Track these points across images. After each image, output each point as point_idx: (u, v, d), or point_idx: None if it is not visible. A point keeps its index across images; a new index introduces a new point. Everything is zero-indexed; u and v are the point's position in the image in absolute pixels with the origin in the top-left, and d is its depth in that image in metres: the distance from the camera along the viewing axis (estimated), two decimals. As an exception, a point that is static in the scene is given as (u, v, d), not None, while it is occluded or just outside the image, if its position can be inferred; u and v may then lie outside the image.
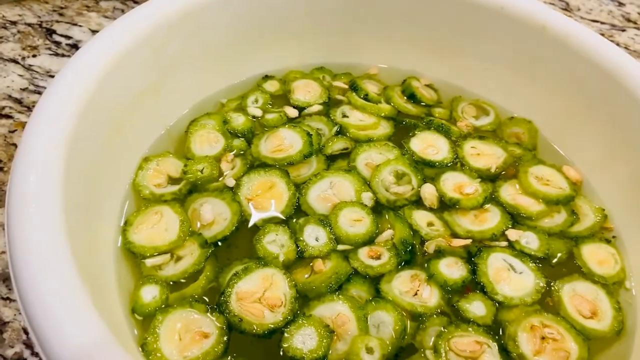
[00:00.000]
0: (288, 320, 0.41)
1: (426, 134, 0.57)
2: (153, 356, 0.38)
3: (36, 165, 0.36)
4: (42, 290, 0.31)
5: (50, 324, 0.30)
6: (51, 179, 0.35)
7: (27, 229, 0.32)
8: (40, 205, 0.34)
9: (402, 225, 0.49)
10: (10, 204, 0.35)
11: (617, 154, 0.52)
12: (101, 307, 0.36)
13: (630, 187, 0.51)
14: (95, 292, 0.37)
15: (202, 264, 0.44)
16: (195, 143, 0.54)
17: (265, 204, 0.49)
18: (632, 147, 0.50)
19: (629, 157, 0.51)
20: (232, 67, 0.60)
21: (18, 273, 0.32)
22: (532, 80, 0.58)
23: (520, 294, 0.45)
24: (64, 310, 0.31)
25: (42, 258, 0.31)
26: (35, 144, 0.37)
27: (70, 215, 0.36)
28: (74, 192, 0.38)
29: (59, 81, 0.42)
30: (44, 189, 0.35)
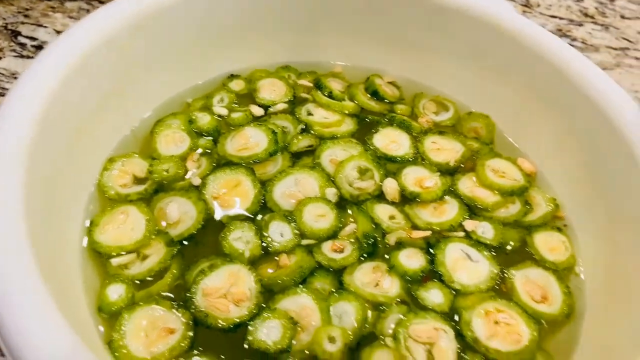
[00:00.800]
0: (253, 314, 0.43)
1: (388, 130, 0.59)
2: (120, 353, 0.39)
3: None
4: (6, 296, 0.32)
5: (17, 331, 0.31)
6: (12, 182, 0.36)
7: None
8: (1, 209, 0.34)
9: (365, 219, 0.50)
10: None
11: (566, 146, 0.54)
12: (67, 308, 0.37)
13: (579, 178, 0.53)
14: (61, 293, 0.38)
15: (168, 261, 0.45)
16: (160, 143, 0.54)
17: (231, 201, 0.50)
18: (579, 139, 0.53)
19: (576, 149, 0.53)
20: (198, 67, 0.61)
21: None
22: (488, 76, 0.60)
23: (475, 281, 0.47)
24: (30, 317, 0.31)
25: (4, 263, 0.32)
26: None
27: (32, 218, 0.36)
28: (37, 194, 0.39)
29: (21, 83, 0.42)
30: (4, 192, 0.35)
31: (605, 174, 0.50)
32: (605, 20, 0.99)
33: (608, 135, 0.49)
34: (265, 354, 0.41)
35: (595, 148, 0.51)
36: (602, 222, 0.50)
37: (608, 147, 0.49)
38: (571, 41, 0.92)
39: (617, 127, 0.48)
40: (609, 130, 0.49)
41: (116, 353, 0.39)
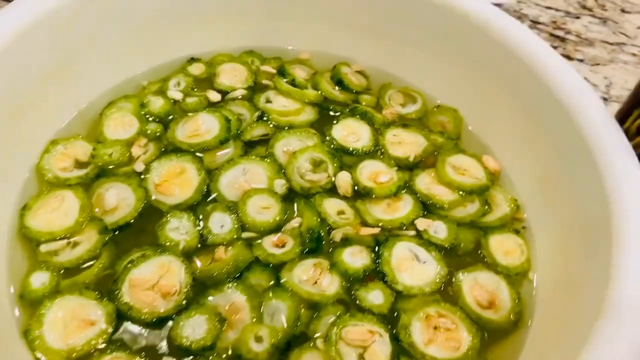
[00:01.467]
0: (181, 307, 0.41)
1: (349, 121, 0.57)
2: (34, 344, 0.38)
3: None
4: None
5: None
6: None
7: None
8: None
9: (311, 213, 0.48)
10: None
11: (532, 145, 0.52)
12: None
13: (542, 179, 0.51)
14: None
15: (98, 250, 0.44)
16: (108, 127, 0.53)
17: (173, 189, 0.49)
18: (544, 139, 0.50)
19: (541, 149, 0.50)
20: (156, 48, 0.59)
21: None
22: (458, 68, 0.58)
23: (420, 283, 0.45)
24: None
25: None
26: None
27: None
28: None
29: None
30: None
31: (567, 177, 0.47)
32: (604, 14, 0.95)
33: (572, 139, 0.46)
34: (187, 351, 0.39)
35: (559, 150, 0.48)
36: (561, 227, 0.47)
37: (571, 150, 0.47)
38: (565, 34, 0.88)
39: (580, 132, 0.45)
40: (573, 133, 0.46)
41: (31, 343, 0.38)
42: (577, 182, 0.46)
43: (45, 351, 0.38)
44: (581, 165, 0.45)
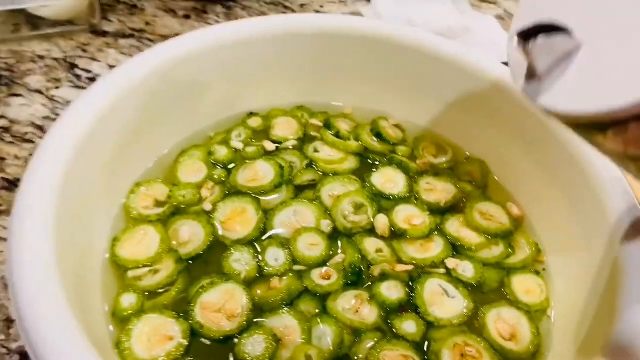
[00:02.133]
0: (242, 328, 0.49)
1: (387, 169, 0.64)
2: (125, 354, 0.46)
3: (38, 187, 0.44)
4: (32, 304, 0.38)
5: (39, 336, 0.37)
6: (49, 199, 0.44)
7: (22, 244, 0.41)
8: (36, 223, 0.42)
9: (353, 250, 0.56)
10: (12, 219, 0.43)
11: (552, 195, 0.58)
12: (86, 311, 0.45)
13: (562, 227, 0.56)
14: (82, 298, 0.46)
15: (175, 277, 0.52)
16: (181, 172, 0.62)
17: (235, 227, 0.57)
18: (563, 190, 0.56)
19: (561, 201, 0.57)
20: (221, 106, 0.69)
21: (14, 281, 0.39)
22: (485, 124, 0.65)
23: (449, 315, 0.51)
24: (50, 324, 0.38)
25: (33, 271, 0.40)
26: (40, 167, 0.46)
27: (62, 231, 0.44)
28: (69, 212, 0.46)
29: (67, 114, 0.51)
30: (42, 208, 0.43)
31: (583, 227, 0.53)
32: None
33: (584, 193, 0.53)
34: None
35: (573, 198, 0.55)
36: (576, 271, 0.53)
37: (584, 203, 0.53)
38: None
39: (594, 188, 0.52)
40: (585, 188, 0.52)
41: (122, 353, 0.46)
42: (589, 230, 0.52)
43: (133, 359, 0.46)
44: (592, 215, 0.51)
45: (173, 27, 0.96)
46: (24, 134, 0.74)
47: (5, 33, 0.88)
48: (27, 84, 0.82)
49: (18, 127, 0.75)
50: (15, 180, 0.69)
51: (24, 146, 0.73)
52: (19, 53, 0.86)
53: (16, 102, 0.79)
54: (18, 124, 0.76)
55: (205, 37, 0.63)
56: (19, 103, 0.79)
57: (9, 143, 0.73)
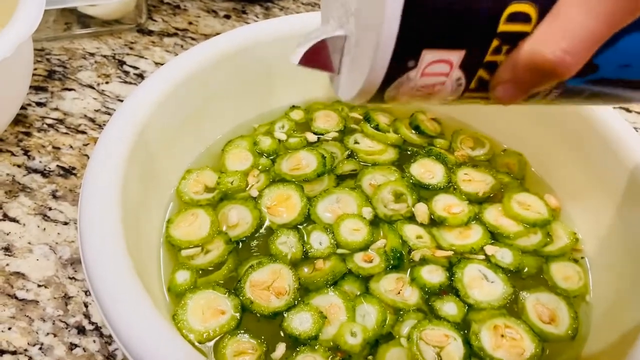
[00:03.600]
0: (290, 305, 0.51)
1: (425, 160, 0.66)
2: (181, 324, 0.49)
3: (102, 173, 0.48)
4: (103, 276, 0.42)
5: (112, 304, 0.41)
6: (113, 184, 0.47)
7: (93, 224, 0.44)
8: (104, 205, 0.45)
9: (394, 236, 0.58)
10: (81, 203, 0.46)
11: (591, 187, 0.59)
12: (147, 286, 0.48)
13: (600, 217, 0.58)
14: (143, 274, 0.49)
15: (225, 257, 0.55)
16: (229, 160, 0.65)
17: (281, 212, 0.60)
18: (602, 183, 0.57)
19: (599, 192, 0.58)
20: (265, 98, 0.72)
21: (86, 258, 0.43)
22: (523, 117, 0.66)
23: (489, 299, 0.53)
24: (122, 295, 0.41)
25: (103, 249, 0.43)
26: (103, 156, 0.49)
27: (126, 214, 0.47)
28: (130, 195, 0.50)
29: (124, 107, 0.55)
30: (107, 192, 0.46)
31: (623, 218, 0.54)
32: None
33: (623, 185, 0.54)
34: (297, 339, 0.49)
35: (612, 190, 0.56)
36: (615, 258, 0.54)
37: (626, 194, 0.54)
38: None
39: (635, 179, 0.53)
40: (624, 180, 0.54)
41: (178, 324, 0.49)
42: (629, 221, 0.53)
43: (189, 330, 0.49)
44: (632, 206, 0.52)
45: (214, 26, 1.00)
46: (77, 126, 0.79)
47: (58, 31, 0.93)
48: (79, 79, 0.86)
49: (71, 119, 0.80)
50: (70, 168, 0.73)
51: (78, 137, 0.77)
52: (71, 50, 0.91)
53: (69, 96, 0.83)
54: (71, 116, 0.80)
55: (249, 34, 0.66)
56: (72, 97, 0.83)
57: (64, 134, 0.77)
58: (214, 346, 0.49)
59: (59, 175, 0.72)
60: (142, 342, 0.38)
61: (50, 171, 0.72)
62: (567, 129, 0.62)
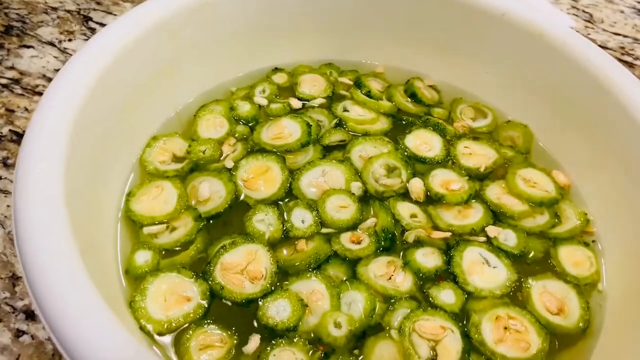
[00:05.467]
0: (266, 292, 0.45)
1: (422, 131, 0.59)
2: (139, 313, 0.42)
3: (42, 140, 0.40)
4: (40, 256, 0.35)
5: (48, 293, 0.33)
6: (55, 153, 0.40)
7: (28, 198, 0.37)
8: (43, 178, 0.38)
9: (386, 214, 0.51)
10: (17, 174, 0.39)
11: (605, 163, 0.53)
12: (97, 267, 0.41)
13: (614, 196, 0.52)
14: (94, 254, 0.42)
15: (194, 235, 0.48)
16: (202, 126, 0.58)
17: (259, 186, 0.53)
18: (616, 156, 0.51)
19: (614, 168, 0.52)
20: (244, 58, 0.64)
21: (19, 237, 0.35)
22: (529, 86, 0.60)
23: (490, 286, 0.47)
24: (61, 280, 0.34)
25: (39, 226, 0.36)
26: (46, 115, 0.42)
27: (73, 183, 0.40)
28: (79, 165, 0.42)
29: (74, 60, 0.47)
30: (47, 163, 0.39)
31: (638, 197, 0.48)
32: (674, 40, 0.94)
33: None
34: (273, 331, 0.43)
35: (631, 166, 0.50)
36: (631, 242, 0.48)
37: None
38: (633, 60, 0.88)
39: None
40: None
41: (135, 312, 0.42)
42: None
43: (147, 320, 0.42)
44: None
45: (192, -18, 0.91)
46: (35, 87, 0.70)
47: (17, -17, 0.84)
48: (39, 36, 0.77)
49: (28, 79, 0.71)
50: (24, 133, 0.65)
51: (34, 99, 0.69)
52: (32, 4, 0.82)
53: (27, 54, 0.75)
54: (28, 76, 0.72)
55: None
56: (30, 55, 0.75)
57: (19, 95, 0.69)
58: (175, 339, 0.42)
59: (11, 140, 0.64)
60: (81, 339, 0.31)
61: (1, 136, 0.64)
62: (577, 97, 0.55)
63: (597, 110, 0.53)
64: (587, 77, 0.53)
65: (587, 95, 0.54)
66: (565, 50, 0.55)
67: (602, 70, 0.52)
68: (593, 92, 0.53)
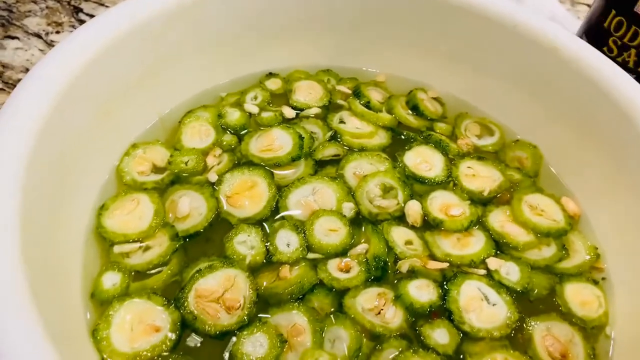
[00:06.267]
0: (243, 323, 0.41)
1: (422, 148, 0.55)
2: (101, 344, 0.39)
3: (4, 142, 0.36)
4: None
5: None
6: (14, 158, 0.36)
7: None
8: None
9: (378, 240, 0.47)
10: None
11: (619, 192, 0.49)
12: (55, 290, 0.37)
13: (628, 229, 0.47)
14: (54, 273, 0.38)
15: (169, 256, 0.44)
16: (186, 134, 0.54)
17: (243, 202, 0.49)
18: (632, 187, 0.47)
19: (630, 198, 0.47)
20: (236, 62, 0.60)
21: None
22: (541, 103, 0.56)
23: (488, 326, 0.43)
24: None
25: None
26: (6, 122, 0.38)
27: (33, 193, 0.36)
28: (44, 168, 0.39)
29: (49, 57, 0.43)
30: (7, 168, 0.35)
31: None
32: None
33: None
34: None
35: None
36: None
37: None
38: None
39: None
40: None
41: (98, 343, 0.39)
42: (669, 237, 0.43)
43: (111, 353, 0.38)
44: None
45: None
46: (16, 81, 0.67)
47: (6, -30, 0.80)
48: (25, 26, 0.73)
49: (10, 73, 0.67)
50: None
51: (16, 95, 0.65)
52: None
53: (11, 45, 0.71)
54: (11, 69, 0.68)
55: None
56: (14, 46, 0.71)
57: (0, 90, 0.65)
58: (138, 375, 0.39)
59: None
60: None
61: (-24, 134, 0.60)
62: (592, 118, 0.51)
63: (615, 133, 0.49)
64: (604, 97, 0.49)
65: (603, 117, 0.50)
66: (581, 66, 0.51)
67: (621, 91, 0.48)
68: (611, 114, 0.49)
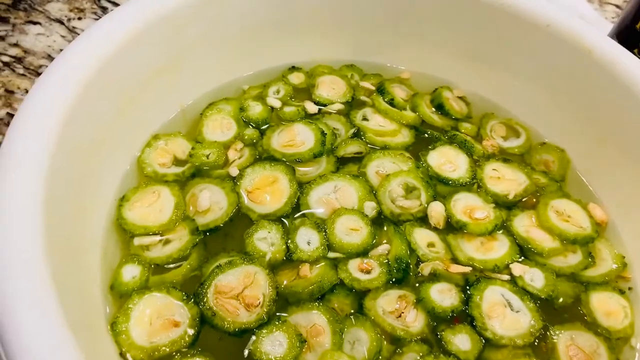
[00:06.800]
0: (262, 321, 0.41)
1: (447, 148, 0.54)
2: (120, 337, 0.38)
3: (27, 133, 0.36)
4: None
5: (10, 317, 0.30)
6: (39, 150, 0.36)
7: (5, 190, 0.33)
8: (20, 177, 0.34)
9: (400, 241, 0.46)
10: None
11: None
12: (76, 281, 0.37)
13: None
14: (74, 265, 0.38)
15: (189, 250, 0.44)
16: (208, 127, 0.53)
17: (264, 198, 0.48)
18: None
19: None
20: (259, 54, 0.59)
21: None
22: (571, 106, 0.54)
23: (511, 333, 0.42)
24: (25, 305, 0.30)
25: (9, 228, 0.32)
26: (32, 111, 0.37)
27: (56, 184, 0.36)
28: (68, 159, 0.38)
29: (71, 48, 0.42)
30: (28, 160, 0.35)
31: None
32: None
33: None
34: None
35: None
36: (676, 294, 0.43)
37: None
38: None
39: None
40: None
41: (117, 336, 0.38)
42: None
43: (129, 346, 0.38)
44: None
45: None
46: (38, 67, 0.66)
47: (30, -46, 0.79)
48: (47, 12, 0.73)
49: (32, 59, 0.67)
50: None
51: (37, 81, 0.65)
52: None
53: (33, 31, 0.71)
54: (32, 55, 0.68)
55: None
56: (36, 32, 0.70)
57: (21, 75, 0.65)
58: (156, 370, 0.38)
59: (7, 124, 0.60)
60: None
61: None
62: (624, 123, 0.49)
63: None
64: (638, 104, 0.48)
65: (636, 123, 0.48)
66: (616, 70, 0.49)
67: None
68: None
